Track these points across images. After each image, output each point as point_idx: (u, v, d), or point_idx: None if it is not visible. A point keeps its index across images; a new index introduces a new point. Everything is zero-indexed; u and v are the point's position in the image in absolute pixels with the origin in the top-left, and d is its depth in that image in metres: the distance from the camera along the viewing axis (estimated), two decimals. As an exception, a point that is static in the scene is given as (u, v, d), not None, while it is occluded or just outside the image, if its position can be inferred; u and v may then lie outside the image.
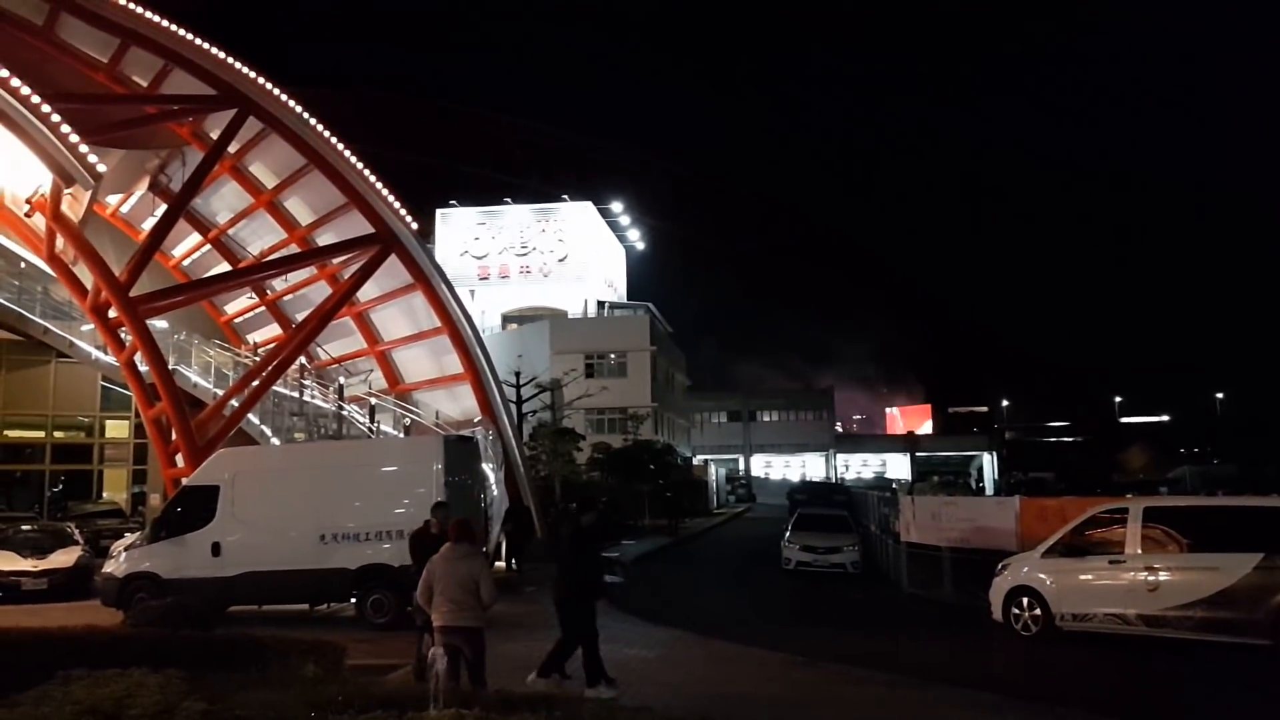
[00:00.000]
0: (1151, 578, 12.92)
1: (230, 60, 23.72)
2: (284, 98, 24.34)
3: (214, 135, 25.30)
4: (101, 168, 19.76)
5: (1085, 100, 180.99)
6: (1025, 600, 14.21)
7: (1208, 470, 52.00)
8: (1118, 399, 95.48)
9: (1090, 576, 13.70)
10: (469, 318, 27.11)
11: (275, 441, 24.34)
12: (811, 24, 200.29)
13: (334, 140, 24.84)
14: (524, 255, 62.56)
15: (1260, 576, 12.10)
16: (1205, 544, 12.93)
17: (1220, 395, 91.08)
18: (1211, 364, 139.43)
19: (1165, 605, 12.75)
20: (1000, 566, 15.17)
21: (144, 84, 25.38)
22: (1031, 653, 13.45)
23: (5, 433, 30.91)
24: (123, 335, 22.35)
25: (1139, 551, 13.25)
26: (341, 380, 29.01)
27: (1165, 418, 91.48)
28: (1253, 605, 12.04)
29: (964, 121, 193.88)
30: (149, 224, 27.32)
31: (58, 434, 31.68)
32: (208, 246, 30.43)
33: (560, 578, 10.57)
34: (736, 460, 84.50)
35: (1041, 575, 14.16)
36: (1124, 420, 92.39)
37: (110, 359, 24.39)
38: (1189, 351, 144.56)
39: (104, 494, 31.55)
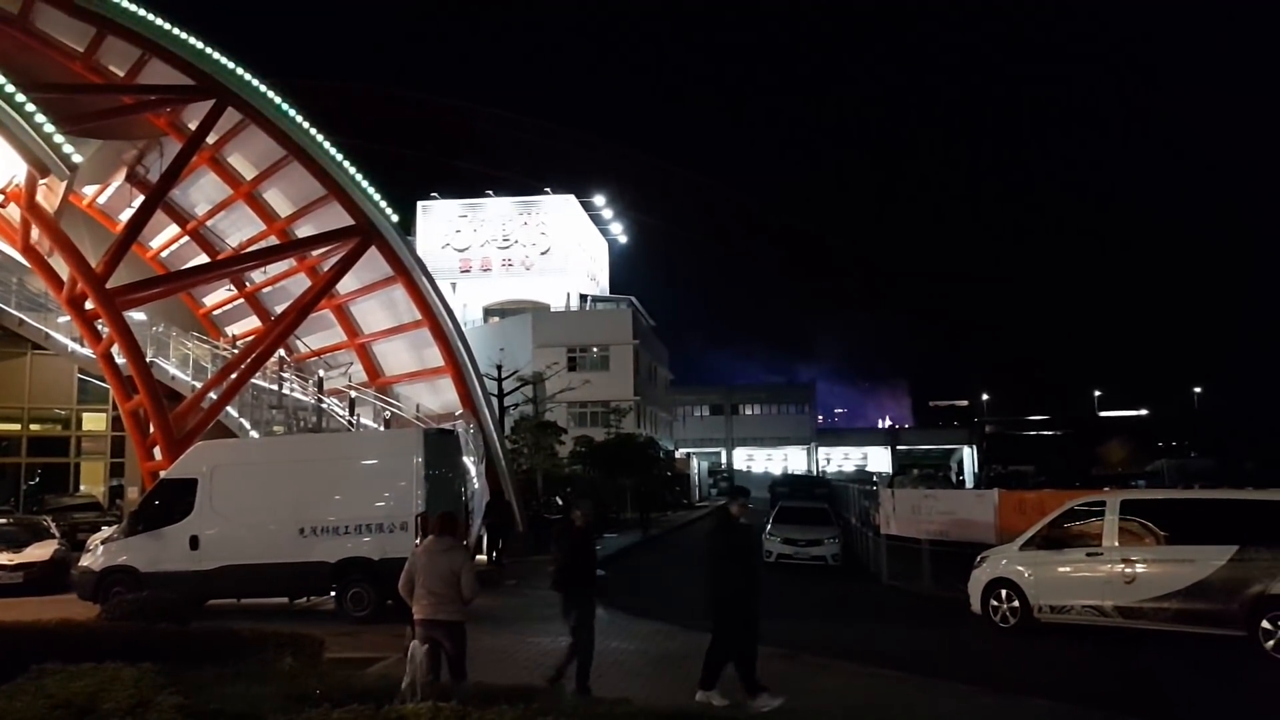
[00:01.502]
0: (1128, 570, 13.02)
1: (208, 50, 23.49)
2: (263, 88, 24.14)
3: (192, 126, 25.07)
4: (77, 158, 19.58)
5: (1069, 102, 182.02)
6: (1004, 592, 14.31)
7: (1185, 464, 52.38)
8: (1097, 393, 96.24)
9: (1068, 569, 13.79)
10: (450, 310, 27.00)
11: (254, 434, 24.20)
12: (796, 20, 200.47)
13: (313, 131, 24.67)
14: (506, 248, 62.40)
15: (1235, 568, 12.20)
16: (1182, 536, 13.03)
17: (1198, 390, 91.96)
18: (1190, 359, 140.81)
19: (1142, 597, 12.85)
20: (979, 559, 15.26)
21: (121, 74, 25.13)
22: (1010, 644, 13.53)
23: (-19, 425, 30.62)
24: (100, 327, 22.15)
25: (1116, 544, 13.34)
26: (321, 373, 28.87)
27: (1144, 412, 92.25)
28: (1228, 597, 12.14)
29: (948, 119, 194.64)
30: (126, 215, 27.08)
31: (34, 427, 31.39)
32: (186, 238, 30.19)
33: (712, 575, 9.63)
34: (719, 453, 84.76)
35: (1020, 567, 14.25)
36: (1103, 414, 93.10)
37: (87, 351, 24.17)
38: (1167, 346, 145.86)
39: (81, 487, 31.30)
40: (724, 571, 9.49)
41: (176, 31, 23.18)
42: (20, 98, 18.89)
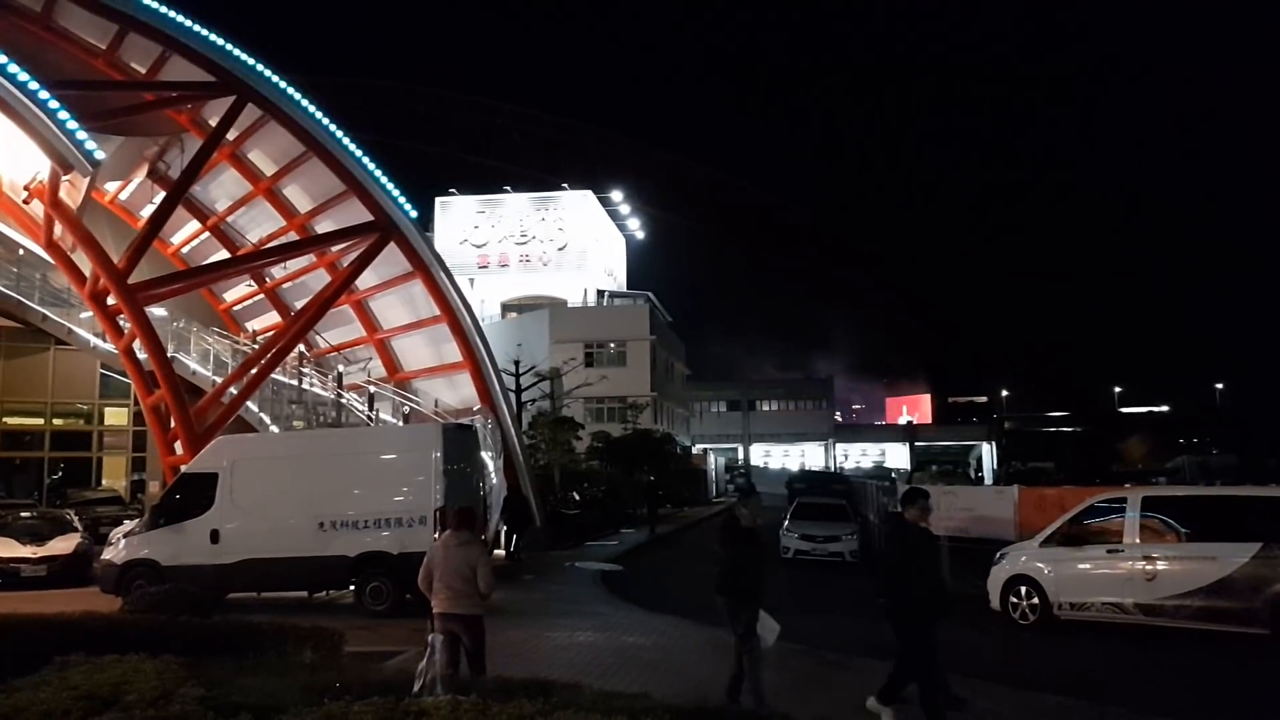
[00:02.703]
0: (1149, 567, 12.95)
1: (229, 47, 23.60)
2: (283, 85, 24.24)
3: (212, 122, 25.20)
4: (100, 155, 19.69)
5: (1085, 92, 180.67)
6: (1023, 589, 14.26)
7: (1206, 461, 51.91)
8: (1117, 389, 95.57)
9: (1088, 566, 13.72)
10: (468, 306, 27.06)
11: (274, 429, 24.34)
12: (812, 12, 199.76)
13: (333, 128, 24.74)
14: (524, 244, 62.53)
15: (1258, 566, 12.11)
16: (1203, 534, 12.94)
17: (1220, 386, 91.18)
18: (1211, 355, 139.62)
19: (1163, 594, 12.77)
20: (998, 555, 15.20)
21: (142, 71, 25.28)
22: (1029, 641, 13.48)
23: (4, 420, 30.91)
24: (121, 323, 22.32)
25: (1137, 541, 13.26)
26: (340, 368, 28.99)
27: (1165, 408, 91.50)
28: (1251, 594, 12.06)
29: (966, 113, 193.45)
30: (148, 211, 27.27)
31: (57, 421, 31.68)
32: (206, 234, 30.37)
33: (890, 584, 8.67)
34: (736, 449, 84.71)
35: (1040, 564, 14.18)
36: (1123, 410, 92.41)
37: (109, 346, 24.36)
38: (1189, 342, 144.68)
39: (103, 481, 31.59)
40: (906, 583, 8.50)
41: (197, 28, 23.29)
42: (44, 94, 19.03)
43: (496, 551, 21.63)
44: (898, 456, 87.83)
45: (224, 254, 29.79)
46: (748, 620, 8.83)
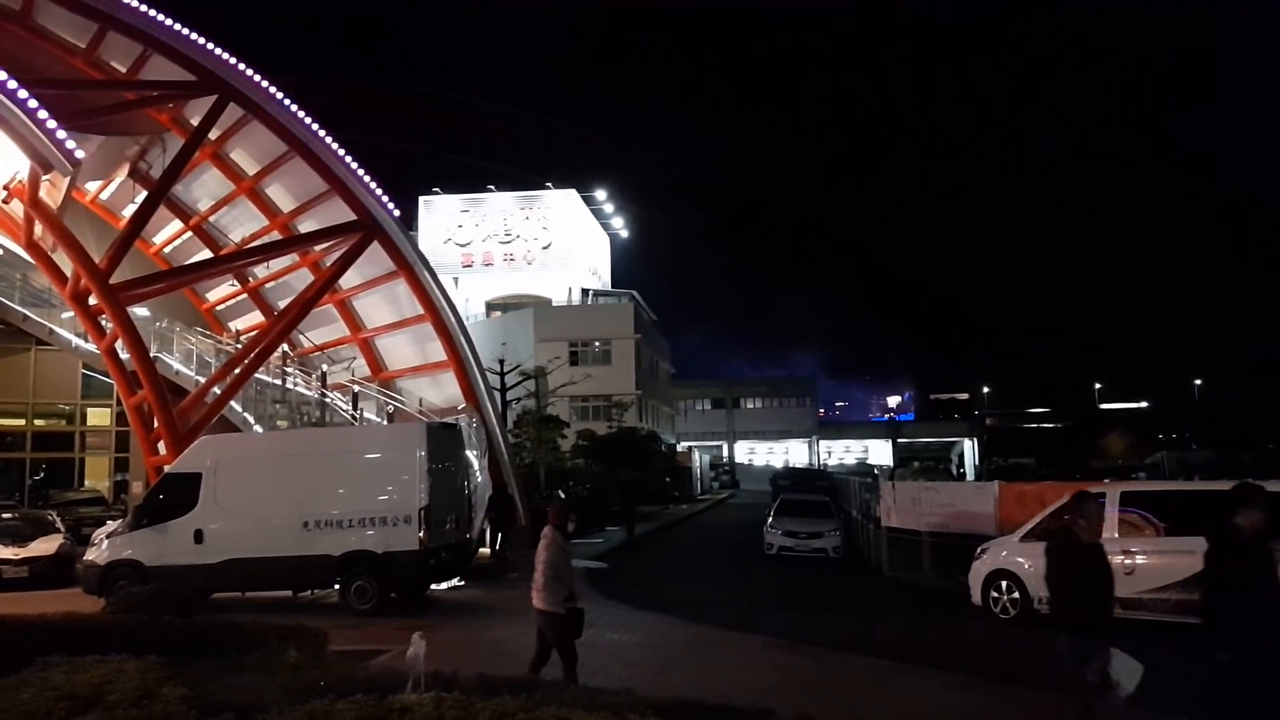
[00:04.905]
0: (1128, 561, 13.08)
1: (210, 46, 23.51)
2: (265, 84, 24.16)
3: (194, 122, 25.09)
4: (80, 154, 19.58)
5: (1068, 86, 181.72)
6: (1004, 584, 14.38)
7: (1185, 456, 52.43)
8: (1097, 385, 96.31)
9: (1068, 560, 13.85)
10: (452, 305, 27.04)
11: (258, 429, 24.27)
12: (792, 8, 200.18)
13: (315, 127, 24.67)
14: (508, 243, 62.39)
15: (1234, 560, 12.25)
16: (1181, 528, 13.07)
17: (1198, 382, 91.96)
18: (1190, 351, 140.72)
19: (1141, 588, 12.91)
20: (979, 551, 15.32)
21: (123, 70, 25.13)
22: (1010, 635, 13.59)
23: (-15, 421, 30.71)
24: (103, 323, 22.22)
25: (1116, 536, 13.39)
26: (324, 367, 28.92)
27: (1144, 404, 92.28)
28: (1227, 588, 12.19)
29: (948, 109, 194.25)
30: (129, 211, 27.13)
31: (38, 422, 31.47)
32: (189, 234, 30.22)
33: (1234, 624, 6.47)
34: (720, 447, 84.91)
35: (1020, 559, 14.31)
36: (1103, 406, 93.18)
37: (91, 346, 24.25)
38: (1168, 338, 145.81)
39: (85, 482, 31.39)
40: (1249, 614, 6.33)
41: (178, 27, 23.18)
42: (23, 93, 18.90)
43: (481, 550, 21.66)
44: (880, 453, 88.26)
45: (207, 254, 29.65)
46: (1102, 664, 7.13)
